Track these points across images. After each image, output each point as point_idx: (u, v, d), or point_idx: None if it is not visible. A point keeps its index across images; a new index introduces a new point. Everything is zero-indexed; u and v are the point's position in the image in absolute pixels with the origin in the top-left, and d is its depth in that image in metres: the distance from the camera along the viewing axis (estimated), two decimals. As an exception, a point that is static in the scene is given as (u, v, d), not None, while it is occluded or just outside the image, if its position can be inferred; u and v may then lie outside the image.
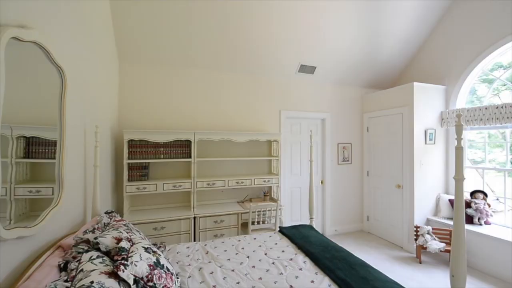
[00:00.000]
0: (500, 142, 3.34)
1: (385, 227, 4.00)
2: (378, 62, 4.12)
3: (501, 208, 3.25)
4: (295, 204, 4.05)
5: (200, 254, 2.07)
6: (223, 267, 1.87)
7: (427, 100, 3.62)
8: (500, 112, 3.02)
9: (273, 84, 3.87)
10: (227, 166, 3.56)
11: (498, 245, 2.85)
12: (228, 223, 3.09)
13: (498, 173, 3.34)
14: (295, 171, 4.06)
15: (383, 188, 4.04)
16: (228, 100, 3.62)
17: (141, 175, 3.01)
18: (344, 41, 3.63)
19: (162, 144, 3.04)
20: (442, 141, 3.70)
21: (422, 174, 3.55)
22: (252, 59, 3.51)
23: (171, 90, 3.33)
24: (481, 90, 3.50)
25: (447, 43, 3.72)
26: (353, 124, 4.44)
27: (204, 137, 3.15)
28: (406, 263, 3.19)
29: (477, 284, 2.70)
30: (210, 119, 3.52)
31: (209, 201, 3.47)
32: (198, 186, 3.13)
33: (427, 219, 3.56)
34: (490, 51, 3.22)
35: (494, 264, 2.88)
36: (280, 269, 1.84)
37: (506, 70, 3.22)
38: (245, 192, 3.63)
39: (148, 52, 3.10)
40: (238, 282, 1.66)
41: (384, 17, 3.47)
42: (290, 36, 3.34)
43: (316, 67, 3.88)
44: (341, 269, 1.75)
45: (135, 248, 1.45)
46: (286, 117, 3.95)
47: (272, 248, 2.22)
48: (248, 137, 3.36)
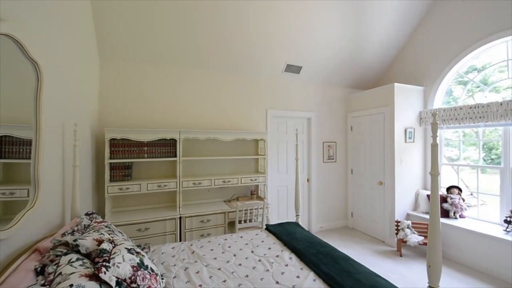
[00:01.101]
0: (474, 141, 3.54)
1: (368, 222, 4.12)
2: (361, 63, 4.23)
3: (474, 202, 3.44)
4: (281, 202, 4.09)
5: (185, 254, 2.05)
6: (209, 266, 1.85)
7: (406, 100, 3.76)
8: (474, 112, 3.19)
9: (260, 83, 3.88)
10: (214, 165, 3.54)
11: (472, 237, 3.02)
12: (214, 223, 3.08)
13: (472, 170, 3.54)
14: (282, 170, 4.09)
15: (366, 185, 4.17)
16: (215, 98, 3.59)
17: (124, 175, 2.93)
18: (329, 43, 3.70)
19: (146, 143, 2.97)
20: (420, 140, 3.87)
21: (402, 171, 3.69)
22: (239, 58, 3.51)
23: (155, 88, 3.26)
24: (457, 91, 3.69)
25: (425, 46, 3.89)
26: (337, 123, 4.54)
27: (190, 135, 3.11)
28: (388, 257, 3.31)
29: (452, 275, 2.85)
30: (196, 118, 3.47)
31: (195, 200, 3.43)
32: (184, 186, 3.08)
33: (407, 214, 3.71)
34: (465, 54, 3.40)
35: (469, 255, 3.05)
36: (267, 266, 1.86)
37: (479, 73, 3.40)
38: (232, 191, 3.62)
39: (131, 49, 3.02)
40: (225, 281, 1.66)
41: (367, 20, 3.57)
42: (277, 35, 3.37)
43: (302, 67, 3.93)
44: (325, 263, 1.79)
45: (118, 249, 1.41)
46: (272, 116, 3.97)
47: (259, 245, 2.23)
48: (234, 136, 3.35)
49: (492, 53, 3.25)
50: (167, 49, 3.14)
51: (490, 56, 3.29)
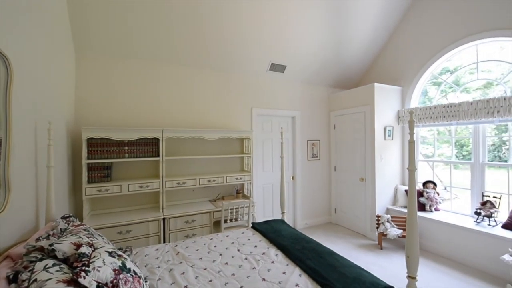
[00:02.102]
0: (447, 138, 3.74)
1: (351, 218, 4.25)
2: (343, 64, 4.34)
3: (448, 196, 3.65)
4: (267, 200, 4.11)
5: (170, 256, 2.00)
6: (195, 266, 1.83)
7: (386, 100, 3.91)
8: (447, 111, 3.38)
9: (244, 81, 3.87)
10: (199, 165, 3.49)
11: (446, 228, 3.20)
12: (200, 223, 3.03)
13: (445, 166, 3.75)
14: (267, 168, 4.11)
15: (349, 182, 4.29)
16: (199, 97, 3.53)
17: (103, 176, 2.81)
18: (312, 43, 3.75)
19: (127, 142, 2.87)
20: (399, 137, 4.04)
21: (382, 168, 3.84)
22: (224, 55, 3.47)
23: (136, 85, 3.15)
24: (432, 91, 3.88)
25: (403, 48, 4.06)
26: (321, 122, 4.63)
27: (174, 134, 3.04)
28: (369, 250, 3.43)
29: (429, 265, 3.00)
30: (180, 116, 3.40)
31: (179, 201, 3.36)
32: (167, 186, 3.01)
33: (386, 208, 3.86)
34: (438, 57, 3.59)
35: (443, 246, 3.23)
36: (253, 263, 1.86)
37: (451, 74, 3.61)
38: (217, 190, 3.59)
39: (110, 44, 2.90)
40: (211, 280, 1.64)
41: (348, 22, 3.66)
42: (261, 34, 3.37)
43: (286, 66, 3.96)
44: (311, 258, 1.82)
45: (98, 253, 1.35)
46: (257, 115, 3.98)
47: (245, 244, 2.23)
48: (219, 135, 3.32)
49: (463, 56, 3.45)
50: (149, 46, 3.05)
51: (461, 59, 3.49)
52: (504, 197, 2.99)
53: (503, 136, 3.22)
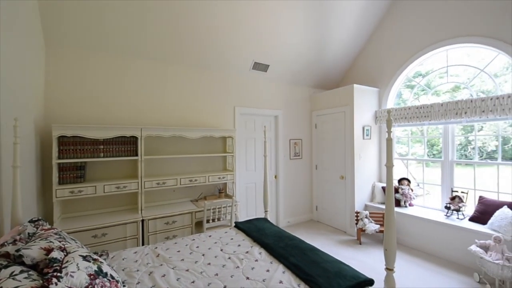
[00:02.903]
0: (420, 138, 3.96)
1: (331, 215, 4.36)
2: (324, 65, 4.44)
3: (420, 192, 3.85)
4: (250, 200, 4.09)
5: (150, 258, 1.93)
6: (176, 268, 1.77)
7: (364, 100, 4.05)
8: (420, 111, 3.57)
9: (227, 79, 3.83)
10: (180, 164, 3.39)
11: (419, 222, 3.38)
12: (181, 223, 2.96)
13: (418, 164, 3.96)
14: (250, 167, 4.10)
15: (329, 180, 4.40)
16: (181, 94, 3.44)
17: (76, 176, 2.65)
18: (294, 43, 3.80)
19: (102, 141, 2.72)
20: (376, 137, 4.20)
21: (360, 166, 3.97)
22: (206, 53, 3.41)
23: (113, 81, 3.00)
24: (406, 94, 4.09)
25: (380, 51, 4.23)
26: (303, 121, 4.71)
27: (153, 133, 2.93)
28: (349, 245, 3.54)
29: (404, 257, 3.15)
30: (160, 114, 3.29)
31: (159, 202, 3.25)
32: (146, 186, 2.90)
33: (365, 205, 4.00)
34: (412, 61, 3.78)
35: (417, 239, 3.40)
36: (237, 262, 1.84)
37: (424, 78, 3.82)
38: (199, 190, 3.52)
39: (84, 37, 2.73)
40: (193, 281, 1.60)
41: (329, 24, 3.75)
42: (244, 33, 3.35)
43: (269, 66, 3.98)
44: (294, 255, 1.83)
45: (71, 257, 1.26)
46: (240, 114, 3.95)
47: (228, 243, 2.21)
48: (201, 133, 3.26)
49: (435, 60, 3.66)
50: (127, 41, 2.92)
51: (432, 63, 3.70)
52: (470, 192, 3.22)
53: (469, 136, 3.46)
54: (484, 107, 2.95)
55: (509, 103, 2.76)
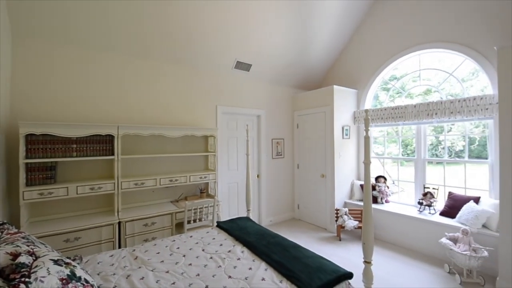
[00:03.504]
0: (395, 139, 4.16)
1: (313, 213, 4.44)
2: (306, 65, 4.52)
3: (396, 189, 4.04)
4: (232, 199, 4.07)
5: (127, 261, 1.85)
6: (155, 270, 1.72)
7: (343, 101, 4.18)
8: (395, 112, 3.74)
9: (210, 78, 3.78)
10: (159, 164, 3.30)
11: (394, 218, 3.54)
12: (161, 225, 2.87)
13: (393, 163, 4.15)
14: (232, 167, 4.08)
15: (311, 179, 4.48)
16: (161, 92, 3.35)
17: (46, 177, 2.48)
18: (277, 43, 3.83)
19: (75, 139, 2.58)
20: (355, 136, 4.35)
21: (340, 165, 4.09)
22: (187, 50, 3.34)
23: (88, 76, 2.85)
24: (382, 96, 4.27)
25: (358, 54, 4.39)
26: (285, 121, 4.76)
27: (131, 131, 2.82)
28: (329, 242, 3.63)
29: (381, 251, 3.29)
30: (138, 112, 3.18)
31: (137, 203, 3.14)
32: (124, 187, 2.78)
33: (344, 202, 4.13)
34: (388, 63, 3.96)
35: (393, 233, 3.56)
36: (219, 262, 1.82)
37: (398, 81, 4.01)
38: (179, 190, 3.44)
39: (57, 28, 2.57)
40: (174, 283, 1.56)
41: (311, 25, 3.83)
42: (227, 31, 3.33)
43: (251, 65, 3.98)
44: (276, 252, 1.85)
45: (40, 262, 1.18)
46: (222, 113, 3.92)
47: (210, 243, 2.17)
48: (182, 132, 3.18)
49: (408, 64, 3.86)
50: (106, 35, 2.78)
51: (406, 67, 3.90)
52: (441, 189, 3.42)
53: (440, 136, 3.68)
54: (452, 109, 3.15)
55: (474, 105, 2.97)
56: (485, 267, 2.65)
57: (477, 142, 3.37)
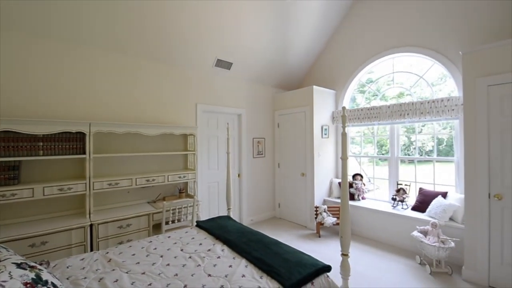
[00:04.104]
0: (371, 139, 4.33)
1: (293, 211, 4.50)
2: (286, 66, 4.58)
3: (371, 187, 4.20)
4: (213, 199, 4.00)
5: (100, 264, 1.75)
6: (130, 272, 1.64)
7: (323, 101, 4.29)
8: (371, 113, 3.90)
9: (189, 76, 3.70)
10: (135, 163, 3.17)
11: (370, 213, 3.67)
12: (137, 227, 2.75)
13: (369, 163, 4.32)
14: (213, 166, 4.02)
15: (291, 177, 4.53)
16: (138, 88, 3.22)
17: (8, 177, 2.28)
18: (258, 42, 3.84)
19: (42, 137, 2.40)
20: (333, 136, 4.47)
21: (319, 163, 4.18)
22: (167, 46, 3.24)
23: (58, 70, 2.67)
24: (359, 98, 4.43)
25: (336, 56, 4.53)
26: (266, 120, 4.78)
27: (104, 129, 2.68)
28: (309, 239, 3.69)
29: (358, 246, 3.40)
30: (113, 109, 3.03)
31: (112, 204, 2.99)
32: (96, 188, 2.64)
33: (323, 200, 4.22)
34: (365, 66, 4.13)
35: (369, 229, 3.70)
36: (198, 261, 1.77)
37: (374, 84, 4.18)
38: (157, 190, 3.32)
39: (25, 20, 2.38)
40: (150, 284, 1.49)
41: (292, 26, 3.89)
42: (208, 28, 3.28)
43: (232, 64, 3.95)
44: (257, 249, 1.84)
45: (1, 265, 1.09)
46: (202, 111, 3.85)
47: (189, 243, 2.12)
48: (160, 130, 3.08)
49: (383, 68, 4.04)
50: (78, 27, 2.62)
51: (381, 71, 4.07)
52: (412, 185, 3.61)
53: (411, 137, 3.89)
54: (422, 109, 3.34)
55: (442, 106, 3.17)
56: (452, 257, 2.83)
57: (445, 143, 3.59)
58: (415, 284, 2.51)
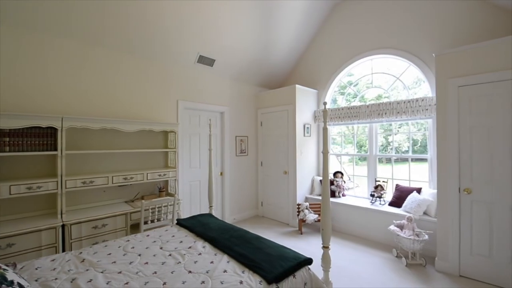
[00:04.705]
0: (351, 140, 4.46)
1: (276, 209, 4.52)
2: (270, 64, 4.60)
3: (351, 185, 4.32)
4: (194, 198, 3.93)
5: (72, 265, 1.65)
6: (106, 271, 1.56)
7: (305, 100, 4.35)
8: (351, 112, 4.01)
9: (170, 71, 3.60)
10: (113, 161, 3.03)
11: (350, 209, 3.78)
12: (113, 227, 2.63)
13: (349, 162, 4.45)
14: (195, 164, 3.94)
15: (274, 176, 4.56)
16: (115, 83, 3.08)
17: (-31, 175, 2.10)
18: (241, 40, 3.83)
19: (8, 131, 2.23)
20: (315, 134, 4.55)
21: (302, 161, 4.24)
22: (148, 40, 3.13)
23: (27, 61, 2.49)
24: (339, 100, 4.54)
25: (318, 56, 4.62)
26: (249, 119, 4.77)
27: (78, 124, 2.54)
28: (291, 236, 3.73)
29: (338, 241, 3.48)
30: (88, 104, 2.88)
31: (86, 204, 2.84)
32: (69, 186, 2.49)
33: (305, 197, 4.28)
34: (345, 66, 4.24)
35: (349, 224, 3.80)
36: (178, 258, 1.72)
37: (354, 86, 4.31)
38: (135, 189, 3.20)
39: (-18, 2, 2.20)
40: (127, 283, 1.43)
41: (275, 25, 3.91)
42: (190, 24, 3.21)
43: (215, 60, 3.91)
44: (239, 245, 1.82)
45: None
46: (184, 108, 3.76)
47: (169, 241, 2.06)
48: (139, 126, 2.98)
49: (362, 69, 4.17)
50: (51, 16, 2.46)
51: (361, 71, 4.20)
52: (389, 182, 3.76)
53: (389, 138, 4.05)
54: (399, 109, 3.49)
55: (417, 106, 3.33)
56: (426, 250, 2.97)
57: (419, 143, 3.77)
58: (392, 276, 2.61)
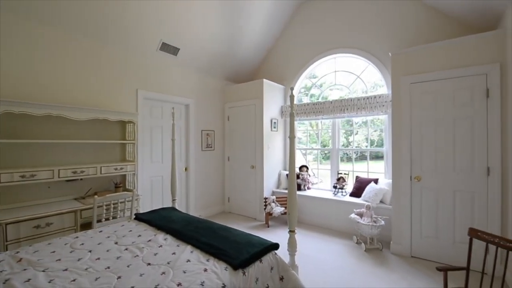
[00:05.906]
0: (315, 140, 4.62)
1: (243, 204, 4.48)
2: (237, 58, 4.54)
3: (316, 181, 4.45)
4: (156, 194, 3.69)
5: (6, 265, 1.41)
6: (48, 270, 1.36)
7: (272, 95, 4.39)
8: (316, 107, 4.16)
9: (130, 57, 3.33)
10: (61, 152, 2.70)
11: (315, 201, 3.90)
12: (60, 226, 2.33)
13: (314, 161, 4.61)
14: (157, 158, 3.71)
15: (241, 170, 4.51)
16: (64, 67, 2.74)
17: None
18: (207, 30, 3.71)
19: None
20: (282, 129, 4.62)
21: (269, 156, 4.26)
22: (104, 22, 2.85)
23: None
24: (305, 100, 4.65)
25: (285, 52, 4.70)
26: (216, 113, 4.66)
27: (16, 109, 2.20)
28: (259, 229, 3.72)
29: (304, 232, 3.56)
30: (30, 87, 2.52)
31: (27, 201, 2.48)
32: (4, 180, 2.14)
33: (272, 191, 4.32)
34: (310, 64, 4.37)
35: (314, 216, 3.92)
36: (136, 252, 1.58)
37: (317, 88, 4.48)
38: (87, 184, 2.89)
39: None
40: (74, 280, 1.26)
41: (243, 19, 3.87)
42: (152, 8, 3.00)
43: (179, 49, 3.72)
44: (205, 235, 1.74)
45: None
46: (144, 98, 3.52)
47: (126, 235, 1.88)
48: (91, 114, 2.69)
49: (326, 68, 4.34)
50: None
51: (324, 70, 4.37)
52: (350, 174, 3.97)
53: (349, 138, 4.28)
54: (359, 105, 3.71)
55: (375, 102, 3.57)
56: (383, 235, 3.18)
57: (376, 144, 4.04)
58: (352, 261, 2.74)
